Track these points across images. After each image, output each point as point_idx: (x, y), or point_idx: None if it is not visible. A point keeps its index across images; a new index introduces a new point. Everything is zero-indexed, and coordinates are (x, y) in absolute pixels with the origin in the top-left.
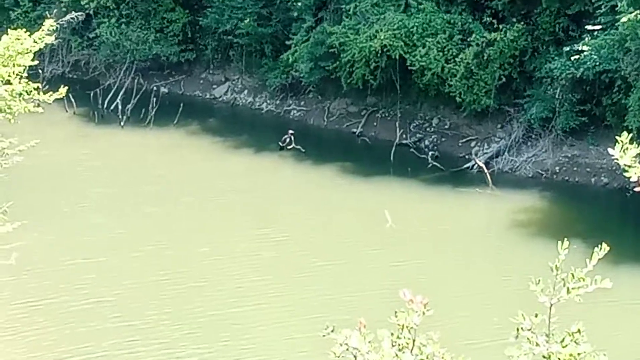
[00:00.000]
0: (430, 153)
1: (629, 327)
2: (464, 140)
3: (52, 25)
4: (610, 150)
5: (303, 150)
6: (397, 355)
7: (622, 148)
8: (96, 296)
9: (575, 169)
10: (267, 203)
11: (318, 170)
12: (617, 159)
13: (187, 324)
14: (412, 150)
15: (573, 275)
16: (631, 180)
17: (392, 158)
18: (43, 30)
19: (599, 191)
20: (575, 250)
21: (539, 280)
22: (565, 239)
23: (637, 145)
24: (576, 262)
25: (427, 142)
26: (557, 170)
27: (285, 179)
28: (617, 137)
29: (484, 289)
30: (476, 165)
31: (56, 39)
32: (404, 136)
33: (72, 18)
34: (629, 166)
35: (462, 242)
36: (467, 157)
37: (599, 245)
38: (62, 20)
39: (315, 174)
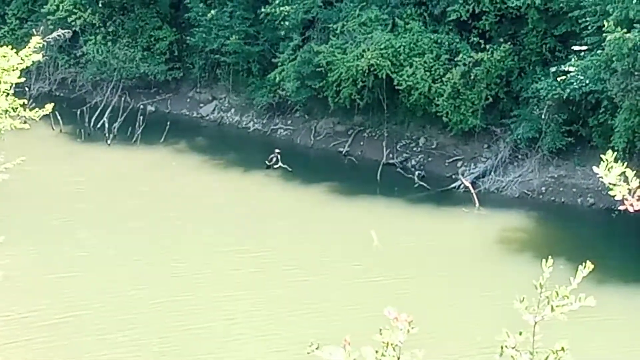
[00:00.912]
0: (416, 173)
1: (614, 346)
2: (451, 160)
3: (38, 43)
4: (595, 168)
5: (290, 169)
6: None
7: (606, 166)
8: (77, 310)
9: (561, 189)
10: (253, 221)
11: (304, 189)
12: (602, 178)
13: (169, 338)
14: (398, 169)
15: (557, 293)
16: (616, 198)
17: (378, 177)
18: (29, 47)
19: (585, 211)
20: (562, 270)
21: (523, 298)
22: (550, 256)
23: (621, 164)
24: (562, 281)
25: (413, 162)
26: (544, 191)
27: (271, 198)
28: (601, 156)
29: (469, 308)
30: (463, 185)
31: (43, 56)
32: (391, 156)
33: (58, 35)
34: (614, 184)
35: (447, 261)
36: (453, 176)
37: (583, 264)
38: (48, 38)
39: (301, 193)
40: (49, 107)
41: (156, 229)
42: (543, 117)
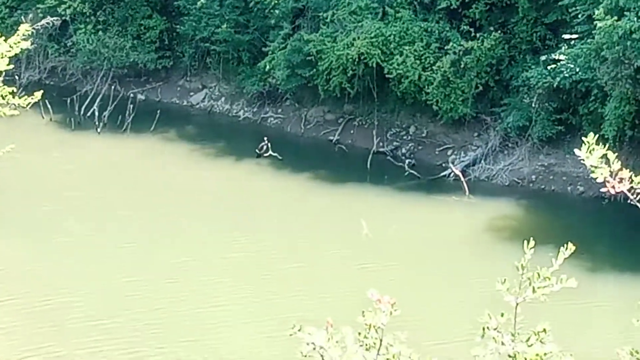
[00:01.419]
0: (407, 161)
1: (602, 331)
2: (441, 148)
3: (27, 30)
4: (576, 151)
5: (280, 157)
6: (359, 352)
7: (588, 149)
8: (65, 297)
9: (551, 177)
10: (242, 209)
11: (294, 177)
12: (583, 160)
13: (154, 323)
14: (389, 158)
15: (539, 275)
16: (597, 181)
17: (368, 166)
18: (18, 35)
19: (575, 199)
20: (551, 257)
21: (505, 280)
22: (533, 240)
23: (603, 146)
24: (555, 269)
25: (404, 150)
26: (534, 179)
27: (261, 186)
28: (583, 139)
29: (455, 292)
30: (453, 173)
31: (32, 44)
32: (381, 144)
33: (47, 23)
34: (595, 167)
35: (437, 249)
36: (443, 165)
37: (565, 245)
38: (37, 25)
39: (291, 182)
40: (38, 94)
41: (145, 217)
42: (533, 105)
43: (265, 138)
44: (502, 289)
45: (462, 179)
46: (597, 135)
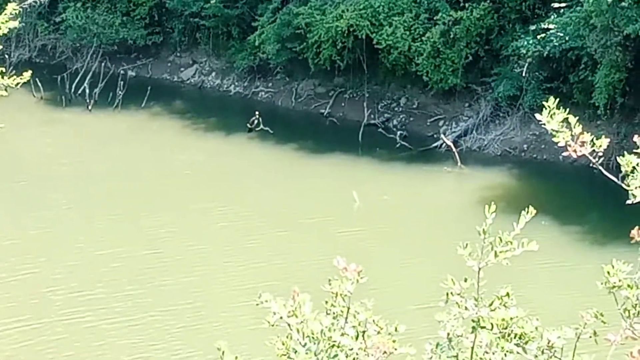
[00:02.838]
0: (398, 133)
1: (569, 294)
2: (432, 119)
3: (14, 9)
4: (537, 115)
5: (271, 131)
6: (319, 319)
7: (549, 113)
8: (46, 268)
9: (543, 146)
10: (233, 182)
11: (286, 151)
12: (544, 124)
13: (138, 293)
14: (380, 130)
15: (501, 239)
16: (559, 145)
17: (360, 138)
18: (6, 14)
19: (567, 168)
20: (544, 225)
21: (467, 244)
22: (493, 203)
23: (594, 114)
24: (544, 236)
25: (395, 122)
26: (525, 148)
27: (252, 159)
28: (544, 103)
29: (436, 260)
30: (444, 144)
31: (20, 22)
32: (372, 116)
33: (35, 1)
34: (557, 131)
35: (427, 219)
36: (435, 136)
37: (526, 209)
38: (25, 4)
39: (283, 155)
40: (27, 74)
41: (132, 189)
42: (523, 74)
43: (257, 112)
44: (463, 254)
45: (454, 149)
46: (589, 104)
